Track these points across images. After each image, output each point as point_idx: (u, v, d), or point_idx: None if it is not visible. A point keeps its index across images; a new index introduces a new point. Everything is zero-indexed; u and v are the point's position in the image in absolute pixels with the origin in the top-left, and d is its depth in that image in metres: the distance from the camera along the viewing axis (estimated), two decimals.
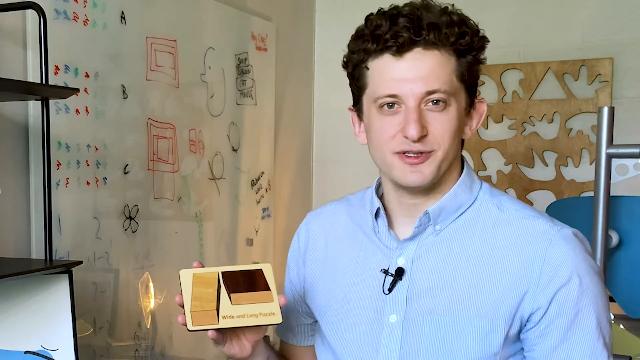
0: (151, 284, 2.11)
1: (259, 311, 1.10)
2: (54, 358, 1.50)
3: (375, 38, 1.10)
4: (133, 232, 2.04)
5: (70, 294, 1.53)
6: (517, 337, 1.14)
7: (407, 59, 1.09)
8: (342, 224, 1.29)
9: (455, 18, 1.10)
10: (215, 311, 1.09)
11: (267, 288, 1.12)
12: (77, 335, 1.54)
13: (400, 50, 1.08)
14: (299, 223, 1.40)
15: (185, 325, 1.08)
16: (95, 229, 1.90)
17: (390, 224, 1.21)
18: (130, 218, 2.03)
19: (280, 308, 1.11)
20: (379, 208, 1.20)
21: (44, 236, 1.58)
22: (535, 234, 1.13)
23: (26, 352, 1.48)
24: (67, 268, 1.53)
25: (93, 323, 1.90)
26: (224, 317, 1.09)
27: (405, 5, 1.12)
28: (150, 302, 2.11)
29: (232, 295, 1.10)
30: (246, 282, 1.13)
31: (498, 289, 1.12)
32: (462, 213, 1.18)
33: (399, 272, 1.17)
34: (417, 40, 1.08)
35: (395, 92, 1.10)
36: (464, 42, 1.10)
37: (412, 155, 1.11)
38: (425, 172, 1.12)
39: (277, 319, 1.11)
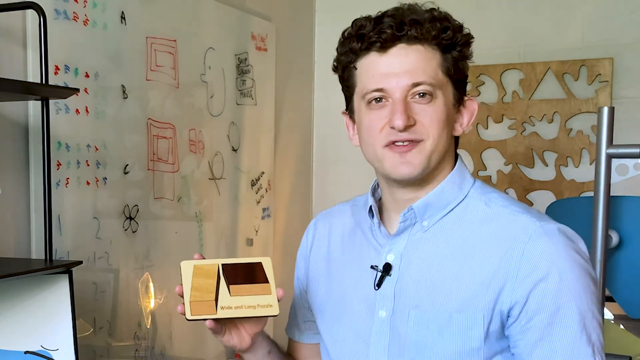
0: (151, 284, 2.11)
1: (257, 303, 1.12)
2: (54, 358, 1.50)
3: (360, 37, 1.14)
4: (133, 232, 2.04)
5: (70, 294, 1.53)
6: (502, 333, 1.14)
7: (391, 54, 1.13)
8: (345, 224, 1.32)
9: (437, 14, 1.14)
10: (214, 302, 1.11)
11: (266, 281, 1.14)
12: (77, 335, 1.54)
13: (384, 46, 1.12)
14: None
15: (184, 314, 1.10)
16: (95, 229, 1.90)
17: (384, 222, 1.22)
18: (130, 218, 2.03)
19: (279, 301, 1.13)
20: (371, 205, 1.22)
21: (44, 236, 1.58)
22: (517, 228, 1.13)
23: (26, 352, 1.48)
24: (67, 268, 1.53)
25: (93, 323, 1.90)
26: (222, 308, 1.10)
27: (391, 8, 1.15)
28: (150, 302, 2.11)
29: (231, 286, 1.12)
30: (245, 274, 1.14)
31: (476, 283, 1.12)
32: (451, 210, 1.18)
33: (387, 268, 1.18)
34: (400, 36, 1.11)
35: (382, 86, 1.13)
36: (447, 37, 1.13)
37: (401, 144, 1.13)
38: (414, 162, 1.13)
39: (275, 311, 1.12)
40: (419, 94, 1.12)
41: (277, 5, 2.84)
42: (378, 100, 1.14)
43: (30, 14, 1.63)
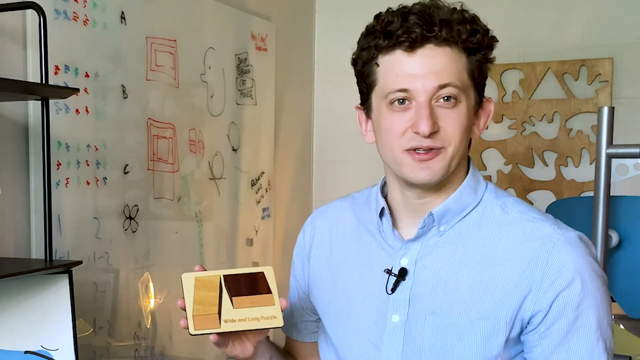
0: (151, 284, 2.11)
1: (261, 314, 1.10)
2: (54, 358, 1.50)
3: (387, 34, 1.10)
4: (133, 232, 2.04)
5: (70, 294, 1.53)
6: (518, 339, 1.14)
7: (419, 55, 1.09)
8: (347, 222, 1.29)
9: (467, 16, 1.11)
10: (217, 315, 1.09)
11: (269, 291, 1.12)
12: (77, 335, 1.54)
13: (412, 45, 1.08)
14: (299, 223, 1.40)
15: (188, 329, 1.08)
16: (95, 229, 1.90)
17: (394, 224, 1.20)
18: (130, 218, 2.03)
19: (282, 311, 1.11)
20: (383, 207, 1.20)
21: (44, 236, 1.58)
22: (539, 236, 1.12)
23: (26, 352, 1.48)
24: (67, 268, 1.53)
25: (93, 323, 1.90)
26: (225, 321, 1.09)
27: (415, 4, 1.12)
28: (150, 302, 2.11)
29: (234, 298, 1.10)
30: (248, 285, 1.13)
31: (500, 291, 1.11)
32: (467, 214, 1.17)
33: (402, 273, 1.17)
34: (429, 37, 1.08)
35: (407, 86, 1.09)
36: (475, 40, 1.10)
37: (422, 151, 1.10)
38: (434, 168, 1.11)
39: (279, 322, 1.11)
40: (444, 97, 1.09)
41: (277, 5, 2.84)
42: (401, 101, 1.10)
43: (30, 14, 1.63)
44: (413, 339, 1.15)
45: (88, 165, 1.86)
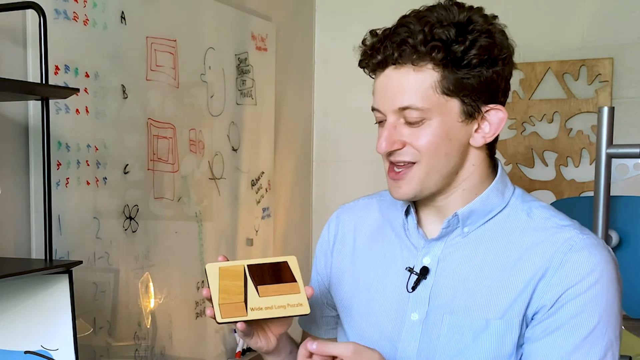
0: (151, 284, 2.11)
1: (287, 302, 1.10)
2: (54, 358, 1.50)
3: (362, 55, 1.16)
4: (133, 232, 2.04)
5: (70, 294, 1.53)
6: None
7: (382, 77, 1.13)
8: (372, 219, 1.30)
9: (436, 32, 1.08)
10: (244, 303, 1.09)
11: (294, 280, 1.12)
12: (77, 335, 1.54)
13: (374, 70, 1.14)
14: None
15: (214, 318, 1.08)
16: (95, 229, 1.90)
17: (419, 222, 1.22)
18: (130, 218, 2.03)
19: (308, 299, 1.12)
20: (409, 205, 1.22)
21: (44, 236, 1.58)
22: (559, 240, 1.12)
23: (26, 352, 1.48)
24: (67, 268, 1.53)
25: (93, 323, 1.90)
26: (252, 309, 1.09)
27: (402, 17, 1.13)
28: (150, 302, 2.11)
29: (259, 287, 1.10)
30: (272, 274, 1.13)
31: (516, 292, 1.12)
32: (492, 217, 1.18)
33: (424, 271, 1.18)
34: (387, 60, 1.11)
35: (376, 106, 1.15)
36: (440, 57, 1.08)
37: (396, 168, 1.14)
38: (405, 186, 1.14)
39: (305, 309, 1.11)
40: (407, 119, 1.11)
41: (277, 5, 2.84)
42: (380, 118, 1.15)
43: (30, 14, 1.63)
44: (429, 338, 1.16)
45: (88, 165, 1.86)
